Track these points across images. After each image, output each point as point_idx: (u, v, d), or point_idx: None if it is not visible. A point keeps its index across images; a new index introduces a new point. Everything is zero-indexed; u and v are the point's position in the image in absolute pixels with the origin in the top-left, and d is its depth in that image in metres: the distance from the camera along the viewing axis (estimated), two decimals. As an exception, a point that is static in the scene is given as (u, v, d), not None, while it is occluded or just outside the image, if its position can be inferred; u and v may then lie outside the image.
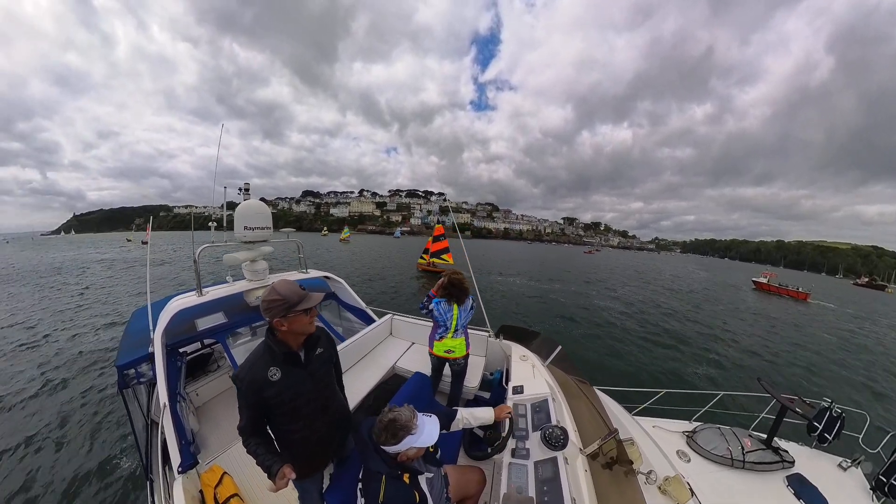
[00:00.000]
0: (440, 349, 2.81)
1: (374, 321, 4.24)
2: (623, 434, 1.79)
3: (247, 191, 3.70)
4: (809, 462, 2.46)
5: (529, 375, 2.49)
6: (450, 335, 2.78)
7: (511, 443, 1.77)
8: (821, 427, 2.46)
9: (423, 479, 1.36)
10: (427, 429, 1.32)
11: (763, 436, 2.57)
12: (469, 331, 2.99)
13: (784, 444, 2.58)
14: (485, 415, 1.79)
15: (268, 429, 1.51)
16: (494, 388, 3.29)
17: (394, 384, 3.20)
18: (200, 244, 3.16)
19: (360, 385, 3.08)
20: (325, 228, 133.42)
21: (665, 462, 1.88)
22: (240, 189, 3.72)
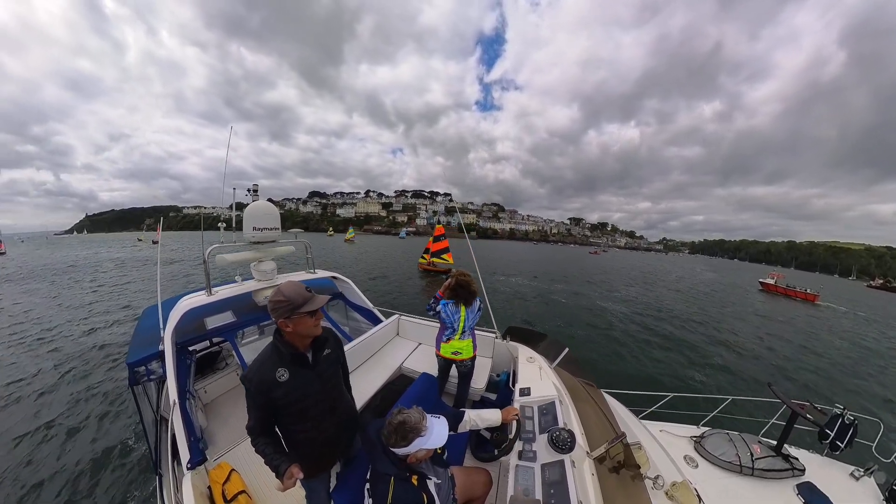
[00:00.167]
0: (447, 351, 2.79)
1: (381, 321, 4.26)
2: (630, 438, 1.78)
3: (255, 192, 3.76)
4: (821, 470, 2.40)
5: (536, 377, 2.48)
6: (457, 337, 2.75)
7: (518, 445, 1.76)
8: (833, 434, 2.39)
9: (432, 484, 1.37)
10: (436, 430, 1.33)
11: (773, 442, 2.51)
12: (476, 332, 2.97)
13: (794, 452, 2.52)
14: (492, 416, 1.79)
15: (276, 429, 1.53)
16: (501, 390, 3.29)
17: (400, 384, 3.21)
18: (210, 244, 3.22)
19: (367, 385, 3.10)
20: (331, 229, 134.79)
21: (672, 467, 1.87)
22: (248, 190, 3.77)
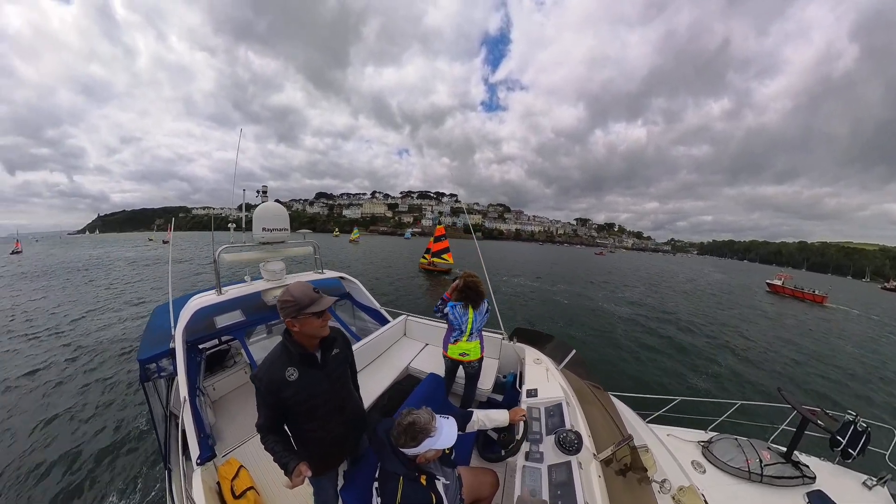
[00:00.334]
0: (455, 352, 2.79)
1: (389, 322, 4.29)
2: (637, 441, 1.77)
3: (265, 193, 3.81)
4: (832, 478, 2.35)
5: (543, 379, 2.48)
6: (465, 338, 2.75)
7: (525, 446, 1.77)
8: (844, 442, 2.33)
9: (440, 484, 1.38)
10: (445, 431, 1.34)
11: (782, 449, 2.47)
12: (483, 333, 2.96)
13: (805, 459, 2.48)
14: (500, 417, 1.80)
15: (285, 427, 1.55)
16: (507, 391, 3.29)
17: (408, 384, 3.23)
18: (220, 245, 3.27)
19: (375, 385, 3.11)
20: (337, 230, 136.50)
21: (679, 472, 1.85)
22: (258, 191, 3.83)
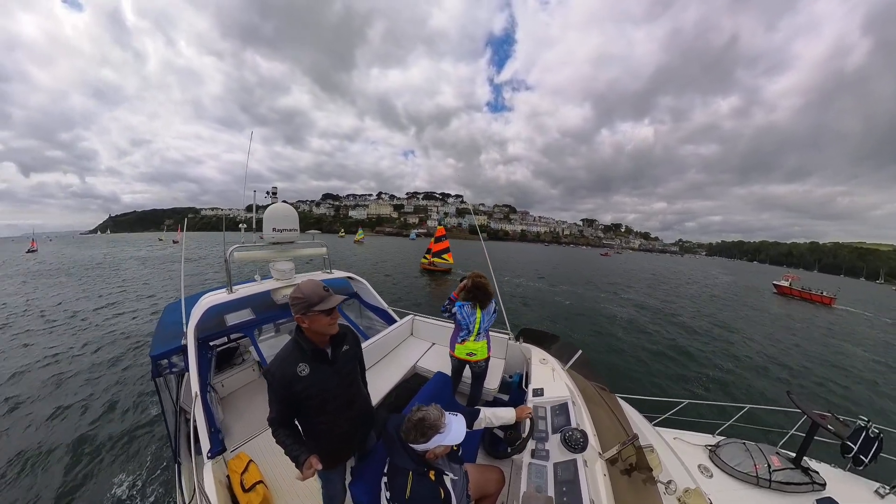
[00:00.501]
0: (462, 352, 2.81)
1: (396, 321, 4.32)
2: (642, 441, 1.78)
3: (274, 194, 3.88)
4: (842, 486, 2.29)
5: (549, 379, 2.49)
6: (472, 338, 2.76)
7: (530, 444, 1.79)
8: (856, 448, 2.29)
9: (448, 479, 1.41)
10: (454, 427, 1.37)
11: (792, 454, 2.43)
12: (490, 333, 2.97)
13: (815, 465, 2.43)
14: (506, 415, 1.82)
15: (295, 421, 1.59)
16: (513, 391, 3.30)
17: (414, 383, 3.26)
18: (231, 244, 3.34)
19: (382, 383, 3.15)
20: (342, 230, 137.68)
21: (686, 475, 1.85)
22: (268, 192, 3.90)
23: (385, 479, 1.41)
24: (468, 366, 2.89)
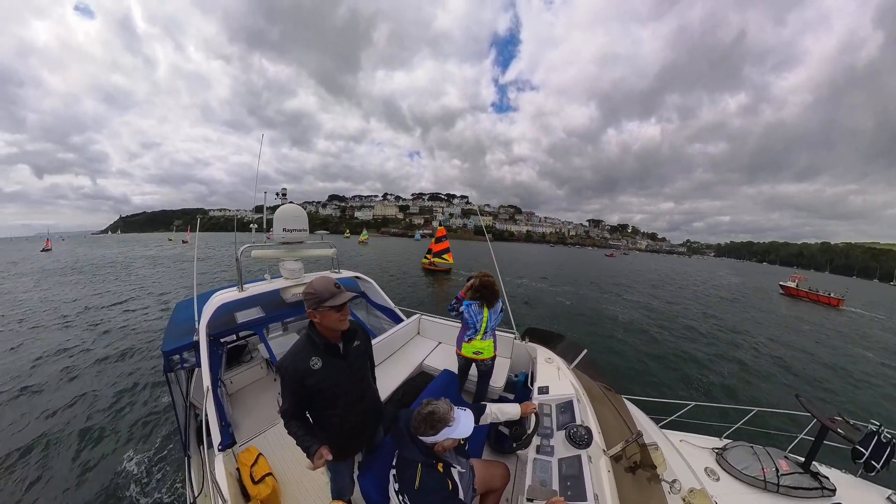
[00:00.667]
0: (468, 350, 2.84)
1: (403, 320, 4.36)
2: (647, 439, 1.78)
3: (284, 195, 3.95)
4: (853, 492, 2.26)
5: (554, 377, 2.51)
6: (479, 337, 2.79)
7: (535, 440, 1.81)
8: (867, 453, 2.23)
9: (456, 472, 1.44)
10: (463, 421, 1.40)
11: (801, 458, 2.40)
12: (496, 333, 2.99)
13: (824, 470, 2.40)
14: (511, 410, 1.85)
15: (307, 413, 1.63)
16: (519, 390, 3.33)
17: (421, 381, 3.30)
18: (241, 244, 3.40)
19: (390, 380, 3.19)
20: (348, 231, 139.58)
21: (691, 476, 1.85)
22: (277, 194, 3.97)
23: (394, 472, 1.44)
24: (474, 364, 2.92)
